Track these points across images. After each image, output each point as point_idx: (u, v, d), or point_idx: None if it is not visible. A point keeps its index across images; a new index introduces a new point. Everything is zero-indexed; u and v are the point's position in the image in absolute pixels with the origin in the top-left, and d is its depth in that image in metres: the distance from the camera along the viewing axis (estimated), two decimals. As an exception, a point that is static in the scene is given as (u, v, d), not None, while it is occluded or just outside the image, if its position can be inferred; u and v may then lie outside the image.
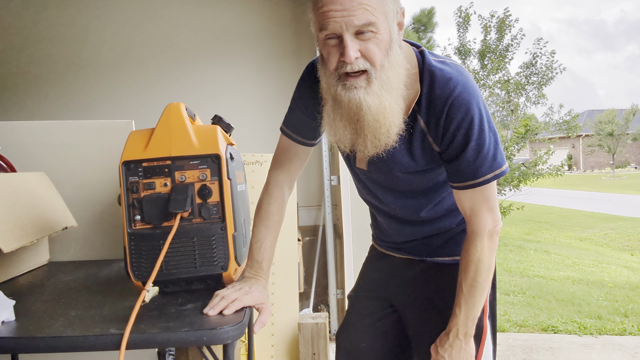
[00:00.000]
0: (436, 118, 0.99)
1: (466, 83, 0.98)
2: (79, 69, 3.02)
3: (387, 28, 0.92)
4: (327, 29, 0.90)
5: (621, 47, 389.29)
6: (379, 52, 0.91)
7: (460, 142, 0.99)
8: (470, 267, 1.03)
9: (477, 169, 1.00)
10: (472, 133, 0.97)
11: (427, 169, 1.09)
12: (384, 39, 0.92)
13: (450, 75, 0.98)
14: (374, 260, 1.38)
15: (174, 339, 0.85)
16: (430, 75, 0.99)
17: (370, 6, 0.88)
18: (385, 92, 0.94)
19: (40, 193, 1.46)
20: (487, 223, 1.03)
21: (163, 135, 1.10)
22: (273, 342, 2.31)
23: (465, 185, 1.02)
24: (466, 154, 0.99)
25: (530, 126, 8.73)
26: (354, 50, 0.90)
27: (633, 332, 3.35)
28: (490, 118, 1.01)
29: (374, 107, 0.94)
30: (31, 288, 1.23)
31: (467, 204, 1.04)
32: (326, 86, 0.98)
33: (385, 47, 0.92)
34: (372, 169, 1.13)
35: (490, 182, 1.01)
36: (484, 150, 0.99)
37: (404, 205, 1.18)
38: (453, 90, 0.97)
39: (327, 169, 2.92)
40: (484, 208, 1.02)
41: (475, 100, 0.98)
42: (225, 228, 1.09)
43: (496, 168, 1.00)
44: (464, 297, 1.03)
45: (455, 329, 1.05)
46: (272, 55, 3.04)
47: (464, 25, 9.45)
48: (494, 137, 1.00)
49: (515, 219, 10.53)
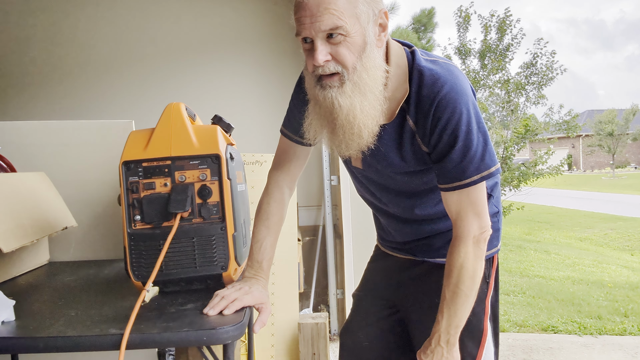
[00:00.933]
0: (424, 118, 0.99)
1: (454, 82, 0.98)
2: (79, 69, 3.02)
3: (359, 31, 0.92)
4: (300, 34, 0.93)
5: (621, 47, 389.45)
6: (350, 55, 0.93)
7: (446, 142, 0.98)
8: (453, 272, 1.01)
9: (463, 170, 0.98)
10: (459, 133, 0.97)
11: (419, 170, 1.08)
12: (356, 41, 0.92)
13: (439, 75, 0.98)
14: (377, 260, 1.39)
15: (174, 339, 0.85)
16: (419, 75, 0.99)
17: (337, 10, 0.89)
18: (358, 94, 0.95)
19: (40, 193, 1.46)
20: (473, 228, 1.00)
21: (163, 135, 1.10)
22: (273, 342, 2.31)
23: (452, 187, 1.00)
24: (453, 154, 0.98)
25: (530, 126, 8.73)
26: (322, 54, 0.92)
27: (633, 332, 3.35)
28: (481, 118, 1.00)
29: (345, 107, 0.95)
30: (31, 288, 1.23)
31: (453, 207, 1.02)
32: (308, 87, 1.01)
33: (357, 50, 0.93)
34: (366, 168, 1.13)
35: (478, 183, 0.99)
36: (471, 151, 0.97)
37: (400, 204, 1.18)
38: (440, 90, 0.96)
39: (327, 169, 2.93)
40: (470, 212, 1.00)
41: (464, 99, 0.97)
42: (225, 228, 1.09)
43: (484, 169, 0.99)
44: (446, 304, 1.01)
45: (437, 335, 1.02)
46: (272, 55, 3.04)
47: (464, 25, 9.44)
48: (483, 137, 0.99)
49: (515, 219, 10.53)
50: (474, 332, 1.15)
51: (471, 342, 1.15)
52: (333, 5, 0.89)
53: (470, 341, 1.15)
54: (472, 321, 1.14)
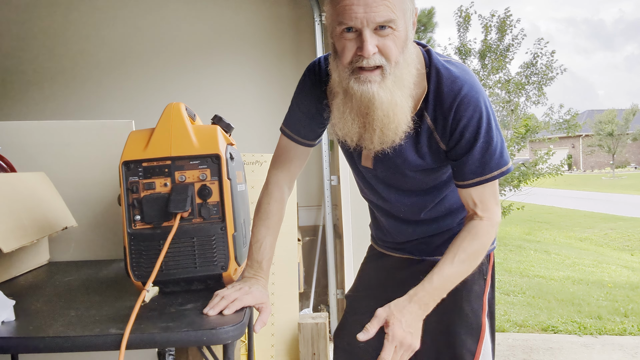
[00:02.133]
0: (444, 116, 1.00)
1: (473, 82, 1.00)
2: (79, 68, 3.02)
3: (404, 26, 0.94)
4: (346, 23, 0.91)
5: (620, 47, 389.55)
6: (395, 49, 0.93)
7: (468, 140, 1.00)
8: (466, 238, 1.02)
9: (484, 166, 1.01)
10: (480, 130, 0.99)
11: (433, 168, 1.09)
12: (401, 36, 0.93)
13: (457, 74, 1.00)
14: (372, 260, 1.39)
15: (174, 339, 0.85)
16: (437, 74, 1.01)
17: (391, 3, 0.89)
18: (398, 89, 0.95)
19: (40, 193, 1.46)
20: (498, 215, 1.07)
21: (163, 135, 1.10)
22: (273, 342, 2.31)
23: (473, 183, 1.03)
24: (474, 151, 1.00)
25: (530, 126, 8.73)
26: (372, 45, 0.90)
27: (633, 332, 3.35)
28: (495, 117, 1.03)
29: (386, 102, 0.94)
30: (31, 288, 1.23)
31: (475, 199, 1.05)
32: (338, 79, 0.98)
33: (401, 45, 0.94)
34: (378, 166, 1.13)
35: (498, 178, 1.03)
36: (491, 147, 1.00)
37: (408, 203, 1.18)
38: (461, 89, 0.98)
39: (327, 169, 2.92)
40: (492, 202, 1.05)
41: (483, 98, 1.00)
42: (225, 228, 1.09)
43: (503, 165, 1.03)
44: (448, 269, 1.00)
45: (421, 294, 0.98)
46: (272, 55, 3.04)
47: (464, 25, 9.45)
48: (500, 135, 1.03)
49: (515, 219, 10.52)
50: (473, 328, 1.15)
51: (470, 338, 1.15)
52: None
53: (469, 337, 1.15)
54: (471, 317, 1.15)
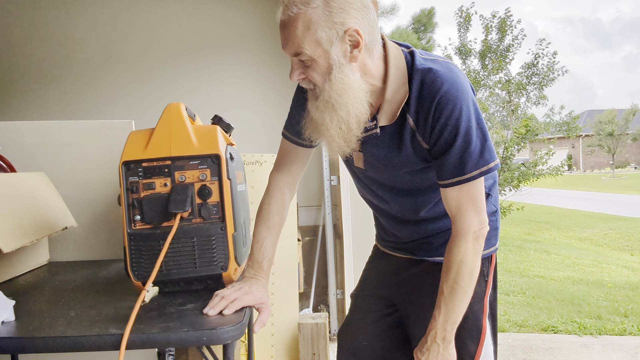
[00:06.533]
0: (425, 115, 1.01)
1: (455, 80, 0.99)
2: (79, 69, 3.02)
3: (322, 54, 0.96)
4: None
5: (618, 47, 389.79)
6: (317, 76, 0.99)
7: (447, 138, 1.00)
8: (452, 268, 1.02)
9: (463, 165, 1.00)
10: (459, 129, 0.98)
11: (421, 169, 1.09)
12: (321, 64, 0.97)
13: (439, 73, 1.00)
14: (376, 259, 1.40)
15: (174, 339, 0.85)
16: (419, 75, 1.01)
17: (297, 38, 0.95)
18: (329, 110, 1.00)
19: (40, 193, 1.46)
20: (473, 224, 1.02)
21: (163, 135, 1.10)
22: (273, 342, 2.31)
23: (451, 182, 1.02)
24: (453, 150, 1.00)
25: (530, 126, 8.73)
26: (295, 73, 1.01)
27: (633, 332, 3.35)
28: (480, 115, 1.02)
29: (318, 120, 1.02)
30: (31, 288, 1.23)
31: (452, 203, 1.03)
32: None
33: (323, 72, 0.98)
34: (368, 167, 1.15)
35: (477, 178, 1.01)
36: (470, 147, 0.99)
37: (403, 203, 1.18)
38: (441, 87, 0.98)
39: (327, 169, 2.93)
40: (469, 208, 1.02)
41: (463, 96, 0.99)
42: (225, 228, 1.09)
43: (482, 165, 1.01)
44: (444, 300, 1.02)
45: (434, 332, 1.03)
46: (272, 55, 3.04)
47: (464, 25, 9.45)
48: (482, 133, 1.01)
49: (515, 219, 10.53)
50: (473, 331, 1.16)
51: (470, 341, 1.15)
52: (293, 34, 0.95)
53: (469, 340, 1.15)
54: (471, 320, 1.15)
